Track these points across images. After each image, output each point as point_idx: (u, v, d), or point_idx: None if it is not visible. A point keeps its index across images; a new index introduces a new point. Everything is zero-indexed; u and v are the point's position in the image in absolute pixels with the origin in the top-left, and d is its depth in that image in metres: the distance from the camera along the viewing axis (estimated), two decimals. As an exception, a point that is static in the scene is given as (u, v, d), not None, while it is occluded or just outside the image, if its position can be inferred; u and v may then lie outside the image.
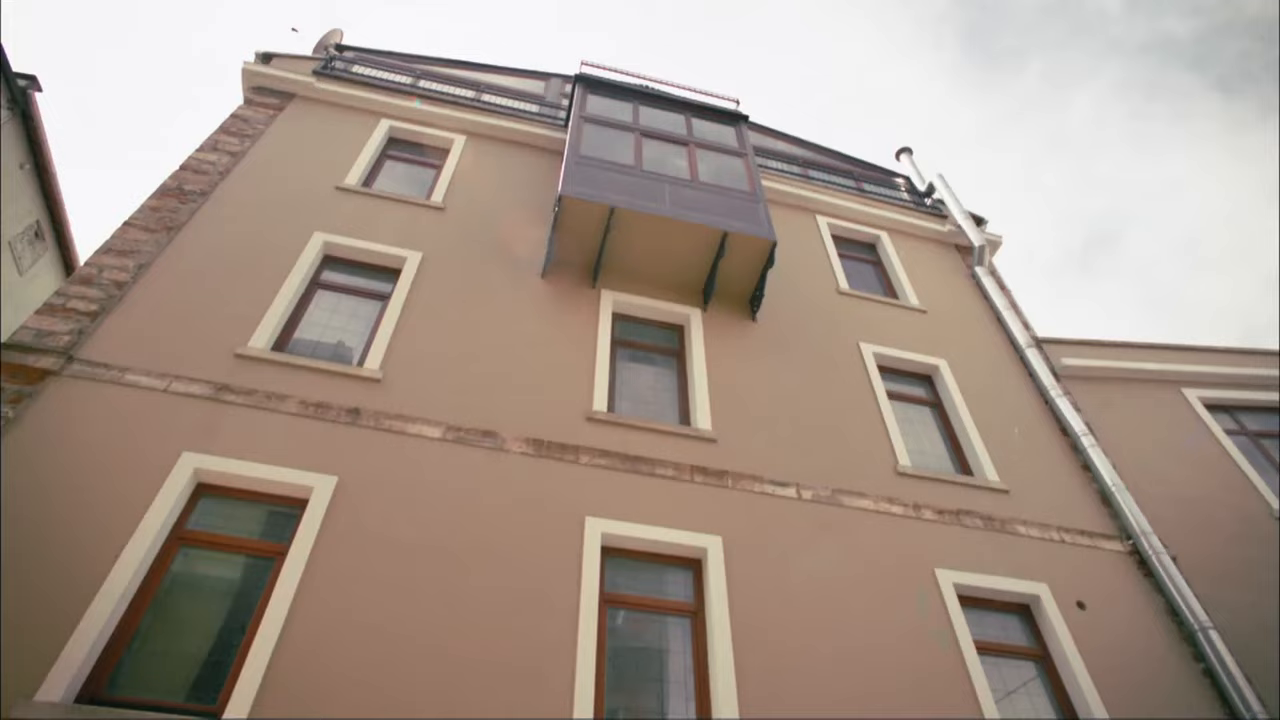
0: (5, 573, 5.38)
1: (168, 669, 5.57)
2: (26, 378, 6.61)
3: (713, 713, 5.97)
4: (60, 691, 4.98)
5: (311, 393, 7.20)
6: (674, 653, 6.44)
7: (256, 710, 5.14)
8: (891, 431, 8.87)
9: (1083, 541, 8.37)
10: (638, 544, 6.88)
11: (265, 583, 5.95)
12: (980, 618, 7.42)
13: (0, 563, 5.42)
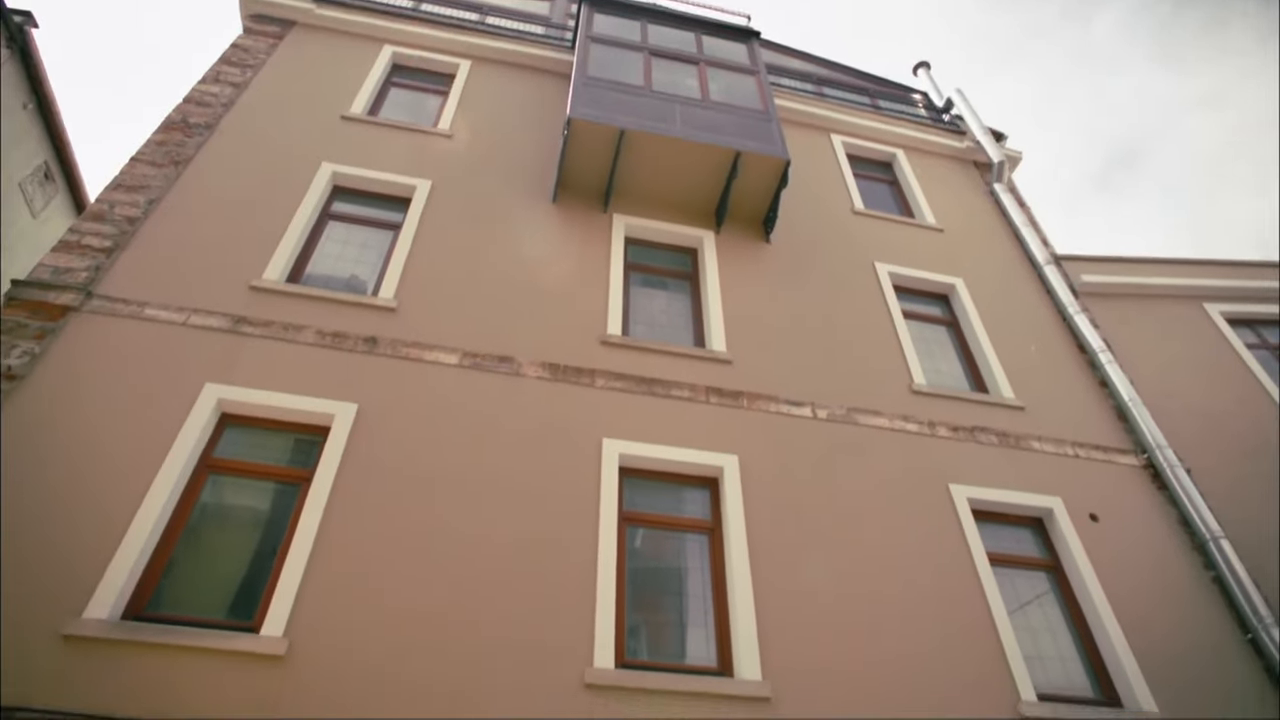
0: (43, 502, 5.56)
1: (205, 590, 5.80)
2: (49, 315, 6.70)
3: (730, 626, 6.15)
4: (106, 610, 5.21)
5: (328, 323, 7.26)
6: (692, 569, 6.62)
7: (291, 626, 5.35)
8: (907, 351, 8.85)
9: (1097, 456, 8.41)
10: (655, 464, 7.00)
11: (293, 507, 6.12)
12: (993, 531, 7.53)
13: (38, 493, 5.60)
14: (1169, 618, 7.10)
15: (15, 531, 5.39)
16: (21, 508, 5.51)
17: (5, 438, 5.82)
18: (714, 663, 6.01)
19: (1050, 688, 6.52)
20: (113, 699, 4.83)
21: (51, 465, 5.77)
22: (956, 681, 6.16)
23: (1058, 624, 7.12)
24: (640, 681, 5.55)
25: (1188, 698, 6.52)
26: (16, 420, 5.94)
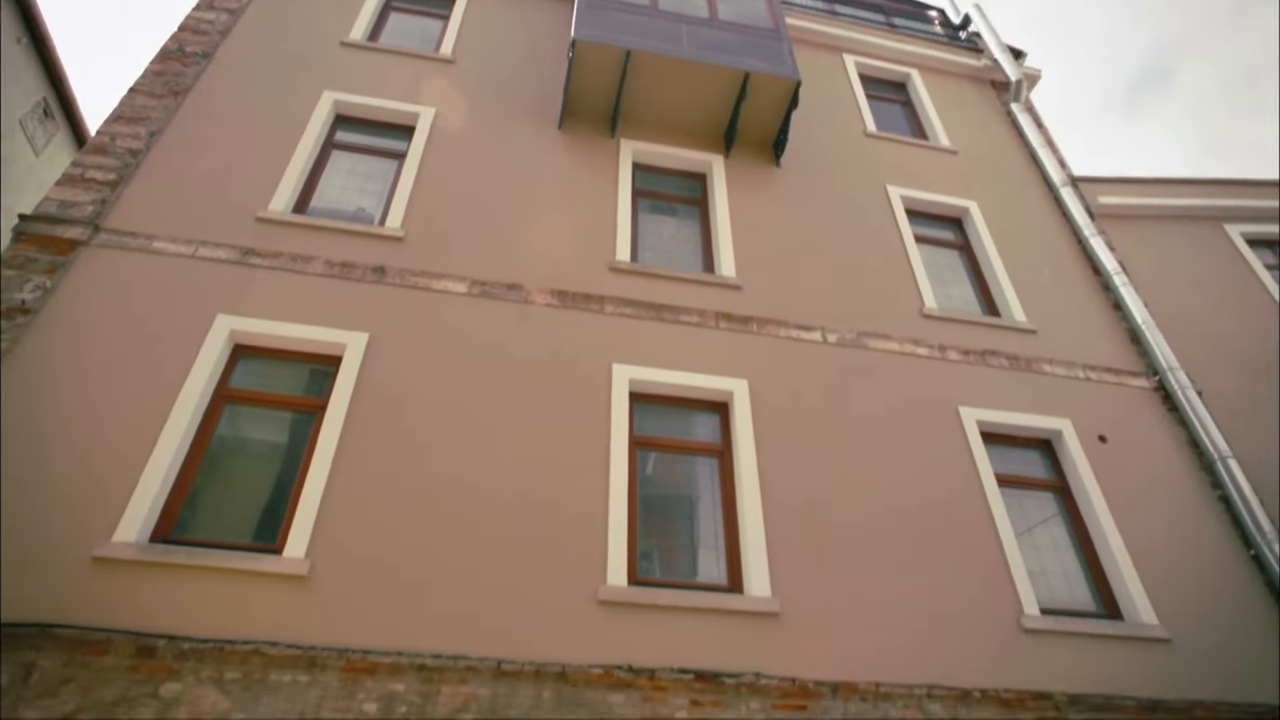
0: (65, 432, 5.68)
1: (227, 515, 5.96)
2: (58, 249, 6.71)
3: (740, 546, 6.29)
4: (134, 534, 5.37)
5: (336, 253, 7.24)
6: (703, 491, 6.73)
7: (312, 548, 5.50)
8: (918, 275, 8.77)
9: (1108, 379, 8.39)
10: (665, 389, 7.05)
11: (308, 435, 6.23)
12: (1002, 453, 7.58)
13: (59, 421, 5.72)
14: (1173, 535, 7.20)
15: (41, 460, 5.52)
16: (44, 438, 5.63)
17: (24, 371, 5.91)
18: (724, 580, 6.16)
19: (1053, 603, 6.67)
20: (143, 617, 5.02)
21: (70, 396, 5.86)
22: (962, 598, 6.31)
23: (1063, 542, 7.24)
24: (652, 598, 5.72)
25: (1188, 611, 6.66)
26: (33, 353, 6.01)
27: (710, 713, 5.33)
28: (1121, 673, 6.18)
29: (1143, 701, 6.05)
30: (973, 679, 5.88)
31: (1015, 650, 6.13)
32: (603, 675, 5.30)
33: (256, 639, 5.05)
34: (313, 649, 5.05)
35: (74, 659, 4.85)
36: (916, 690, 5.72)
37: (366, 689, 5.01)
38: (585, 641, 5.41)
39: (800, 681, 5.55)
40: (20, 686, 4.71)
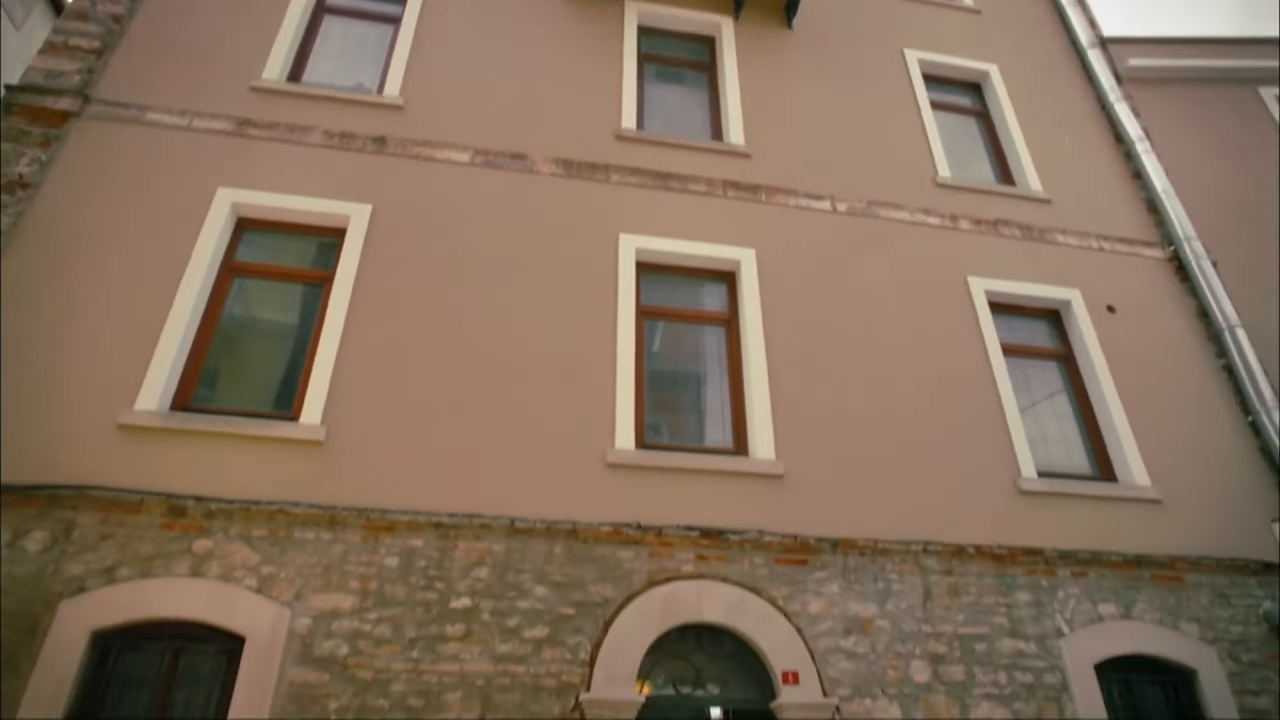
0: (76, 304, 5.73)
1: (243, 385, 6.11)
2: (50, 121, 6.56)
3: (746, 411, 6.42)
4: (154, 403, 5.51)
5: (334, 123, 7.06)
6: (709, 359, 6.81)
7: (327, 415, 5.65)
8: (933, 142, 8.51)
9: (1121, 249, 8.27)
10: (672, 259, 7.01)
11: (317, 306, 6.27)
12: (1009, 322, 7.59)
13: (69, 295, 5.77)
14: (1173, 403, 7.29)
15: (56, 333, 5.61)
16: (56, 311, 5.69)
17: (30, 245, 5.90)
18: (730, 444, 6.33)
19: (1051, 466, 6.85)
20: (171, 480, 5.24)
21: (77, 271, 5.88)
22: (960, 461, 6.47)
23: (1064, 410, 7.36)
24: (659, 461, 5.90)
25: (1181, 474, 6.83)
26: (36, 228, 5.99)
27: (715, 567, 5.61)
28: (1112, 531, 6.42)
29: (1129, 556, 6.32)
30: (967, 536, 6.13)
31: (1010, 510, 6.35)
32: (612, 533, 5.55)
33: (280, 500, 5.28)
34: (333, 508, 5.29)
35: (109, 518, 5.10)
36: (913, 546, 5.97)
37: (387, 545, 5.27)
38: (595, 501, 5.64)
39: (802, 538, 5.80)
40: (63, 542, 4.98)
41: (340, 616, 5.01)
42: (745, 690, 5.40)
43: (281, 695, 4.74)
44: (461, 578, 5.24)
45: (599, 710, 4.91)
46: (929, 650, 5.64)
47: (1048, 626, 5.94)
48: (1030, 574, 6.12)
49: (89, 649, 4.75)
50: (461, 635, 5.06)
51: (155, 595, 4.95)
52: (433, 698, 4.86)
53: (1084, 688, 5.72)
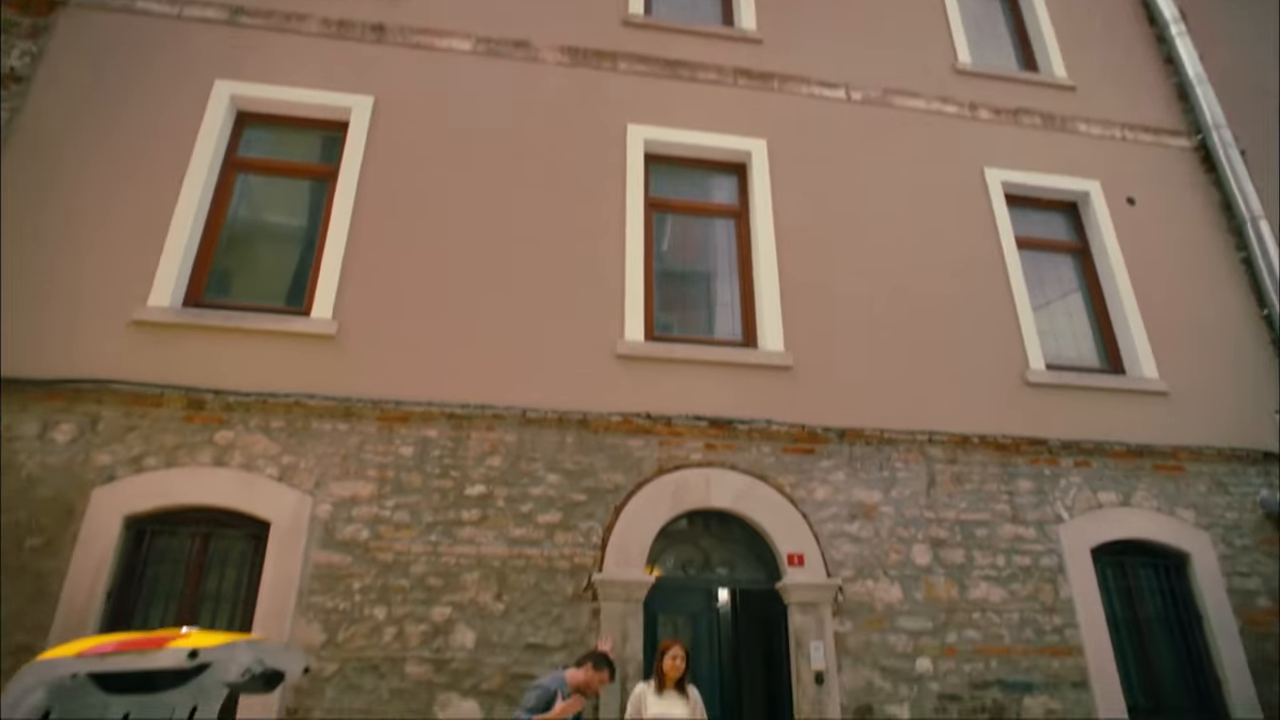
0: (79, 201, 5.70)
1: (253, 281, 6.13)
2: (35, 9, 6.36)
3: (756, 304, 6.41)
4: (166, 300, 5.56)
5: (331, 10, 6.79)
6: (719, 252, 6.76)
7: (338, 310, 5.69)
8: (954, 25, 8.13)
9: (1145, 139, 8.01)
10: (681, 150, 6.85)
11: (323, 202, 6.22)
12: (1024, 215, 7.44)
13: (72, 192, 5.73)
14: (1188, 296, 7.21)
15: (64, 232, 5.60)
16: (60, 209, 5.67)
17: (28, 141, 5.83)
18: (739, 337, 6.36)
19: (1060, 360, 6.85)
20: (189, 374, 5.33)
21: (79, 168, 5.82)
22: (969, 353, 6.48)
23: (1076, 303, 7.31)
24: (668, 352, 5.95)
25: (1190, 366, 6.83)
26: (34, 124, 5.90)
27: (723, 455, 5.74)
28: (1117, 422, 6.48)
29: (1131, 446, 6.40)
30: (973, 426, 6.21)
31: (1017, 402, 6.41)
32: (622, 422, 5.65)
33: (296, 392, 5.39)
34: (348, 400, 5.40)
35: (133, 411, 5.23)
36: (918, 436, 6.07)
37: (402, 435, 5.41)
38: (605, 392, 5.72)
39: (809, 427, 5.90)
40: (90, 434, 5.13)
41: (360, 503, 5.19)
42: (752, 572, 5.62)
43: (308, 575, 4.97)
44: (475, 466, 5.39)
45: (611, 590, 5.13)
46: (931, 535, 5.81)
47: (1048, 513, 6.09)
48: (1033, 463, 6.23)
49: (123, 532, 4.97)
50: (477, 520, 5.25)
51: (182, 483, 5.13)
52: (451, 578, 5.09)
53: (1079, 569, 5.92)
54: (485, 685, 4.88)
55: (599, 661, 4.27)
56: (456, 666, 4.90)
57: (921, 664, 5.43)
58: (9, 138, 5.79)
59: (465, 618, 5.00)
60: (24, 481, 4.95)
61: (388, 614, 4.95)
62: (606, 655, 4.39)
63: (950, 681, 5.43)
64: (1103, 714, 5.50)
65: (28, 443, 5.06)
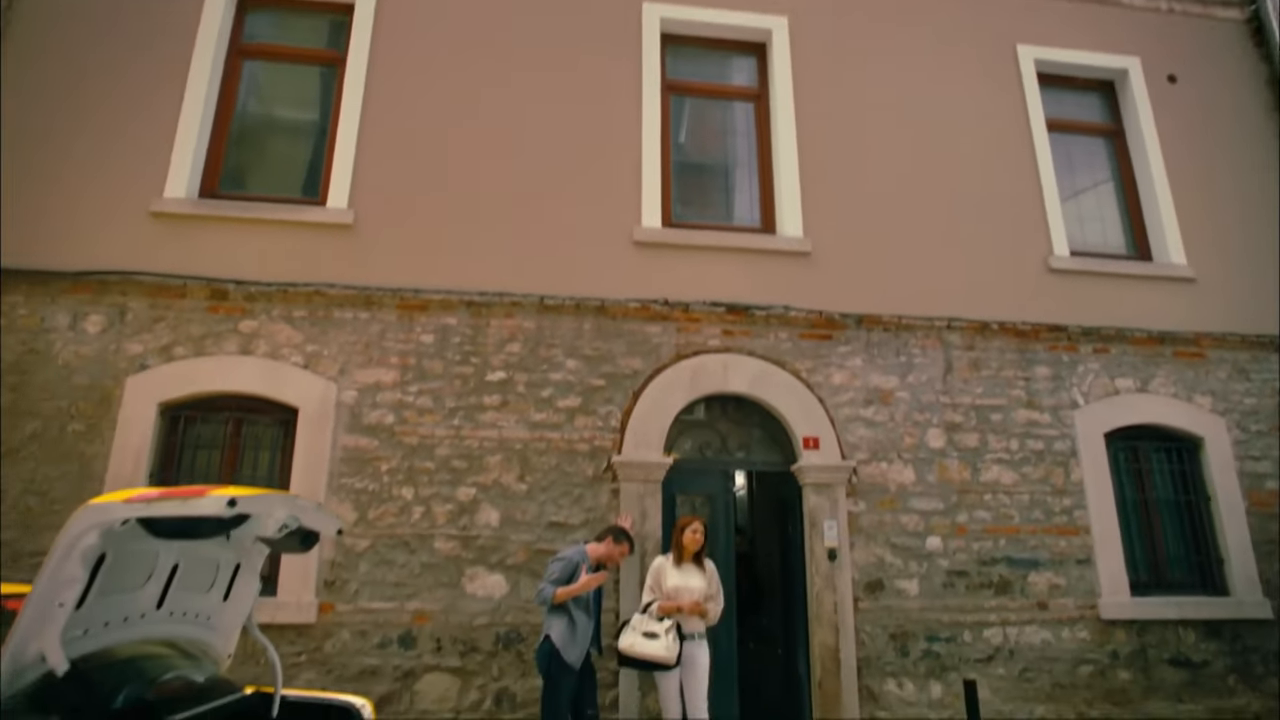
0: (85, 89, 5.63)
1: (266, 171, 6.08)
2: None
3: (775, 189, 6.29)
4: (182, 190, 5.56)
5: (328, -120, 6.45)
6: (738, 136, 6.58)
7: (354, 199, 5.67)
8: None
9: (1194, 9, 7.56)
10: (699, 29, 6.56)
11: (332, 89, 6.09)
12: (1057, 96, 7.13)
13: (76, 80, 5.65)
14: (1224, 180, 6.97)
15: (72, 124, 5.56)
16: (65, 100, 5.60)
17: (29, 30, 5.71)
18: (757, 223, 6.28)
19: (1085, 246, 6.72)
20: (210, 265, 5.39)
21: (83, 57, 5.71)
22: (991, 239, 6.37)
23: (1105, 187, 7.10)
24: (686, 239, 5.90)
25: (1219, 254, 6.68)
26: (32, 15, 5.75)
27: (741, 341, 5.77)
28: (1140, 309, 6.41)
29: (1153, 333, 6.35)
30: (992, 313, 6.17)
31: (1039, 289, 6.33)
32: (640, 309, 5.68)
33: (316, 282, 5.44)
34: (368, 289, 5.45)
35: (158, 302, 5.33)
36: (937, 322, 6.05)
37: (422, 323, 5.48)
38: (622, 279, 5.72)
39: (827, 314, 5.90)
40: (119, 325, 5.25)
41: (383, 389, 5.32)
42: (768, 455, 5.75)
43: (337, 458, 5.16)
44: (495, 352, 5.48)
45: (629, 471, 5.29)
46: (946, 419, 5.88)
47: (1064, 399, 6.12)
48: (1052, 350, 6.22)
49: (159, 418, 5.15)
50: (498, 405, 5.38)
51: (211, 372, 5.27)
52: (475, 460, 5.26)
53: (1091, 453, 6.00)
54: (510, 560, 5.12)
55: (619, 535, 4.46)
56: (482, 543, 5.13)
57: (932, 542, 5.61)
58: (8, 28, 5.66)
59: (489, 498, 5.20)
60: (61, 370, 5.11)
61: (415, 494, 5.16)
62: (625, 529, 4.57)
63: (959, 559, 5.62)
64: (1105, 589, 5.69)
65: (61, 333, 5.19)
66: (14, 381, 5.05)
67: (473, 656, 4.94)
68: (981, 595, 5.57)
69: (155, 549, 2.11)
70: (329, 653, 4.83)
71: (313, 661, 4.79)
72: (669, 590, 4.27)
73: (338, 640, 4.87)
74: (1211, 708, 5.59)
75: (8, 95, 5.56)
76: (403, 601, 4.97)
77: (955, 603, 5.52)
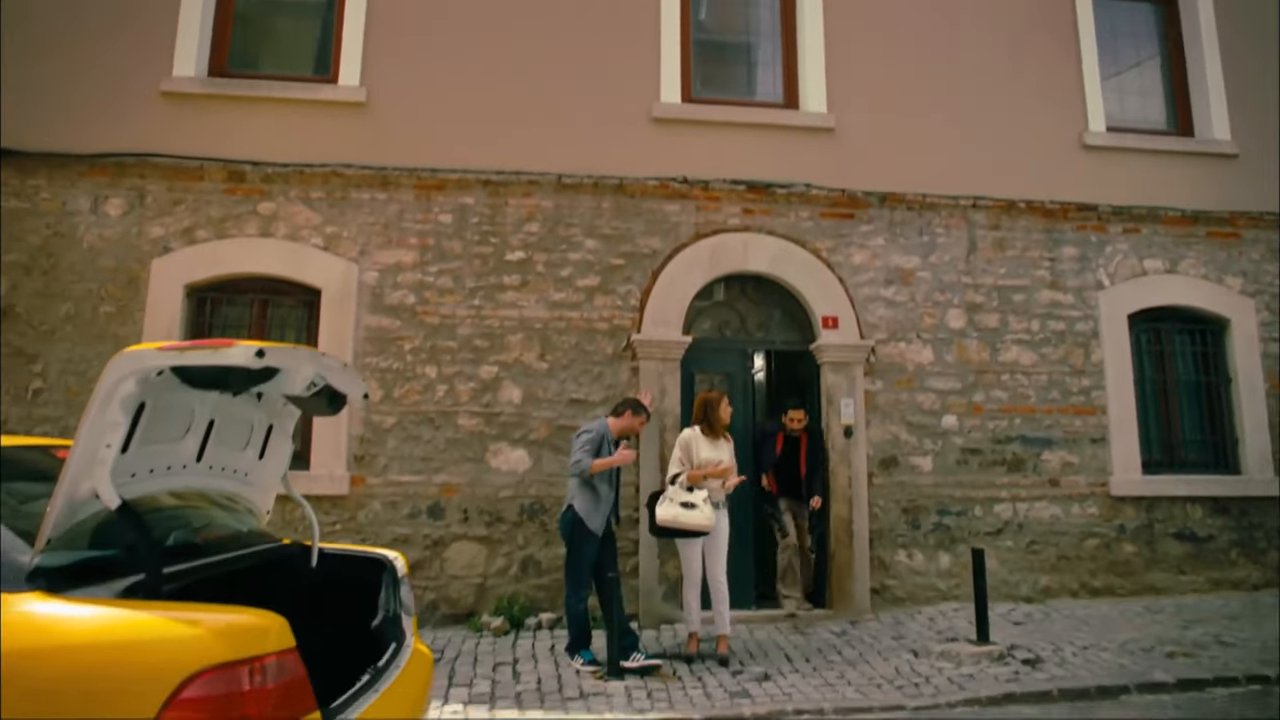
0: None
1: (276, 49, 5.93)
2: None
3: (799, 65, 6.05)
4: (191, 69, 5.44)
5: None
6: (760, 6, 6.27)
7: (366, 77, 5.52)
8: None
9: None
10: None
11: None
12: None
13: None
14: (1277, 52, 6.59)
15: (80, 8, 5.42)
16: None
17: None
18: (780, 98, 6.07)
19: (1123, 121, 6.45)
20: (225, 146, 5.34)
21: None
22: (1024, 115, 6.13)
23: (1151, 61, 6.75)
24: (706, 114, 5.73)
25: (1265, 127, 6.43)
26: None
27: (761, 220, 5.69)
28: (1175, 187, 6.21)
29: (1187, 213, 6.18)
30: (1020, 191, 6.01)
31: (1070, 166, 6.13)
32: (658, 187, 5.59)
33: (331, 162, 5.39)
34: (384, 169, 5.40)
35: (176, 185, 5.32)
36: (962, 201, 5.92)
37: (439, 203, 5.45)
38: (641, 157, 5.60)
39: (849, 192, 5.78)
40: (140, 208, 5.27)
41: (404, 270, 5.35)
42: (786, 334, 5.78)
43: (360, 338, 5.26)
44: (514, 232, 5.46)
45: (649, 349, 5.35)
46: (967, 300, 5.84)
47: (1088, 280, 6.03)
48: (1080, 230, 6.09)
49: (186, 300, 5.25)
50: (518, 285, 5.41)
51: (233, 254, 5.32)
52: (496, 339, 5.33)
53: (1114, 334, 5.96)
54: (532, 436, 5.27)
55: (636, 407, 4.51)
56: (505, 419, 5.27)
57: (947, 420, 5.68)
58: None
59: (511, 375, 5.31)
60: (86, 253, 5.18)
61: (438, 373, 5.27)
62: (641, 401, 4.63)
63: (973, 437, 5.70)
64: (1117, 467, 5.78)
65: (84, 217, 5.23)
66: (45, 265, 5.13)
67: (498, 526, 5.17)
68: (994, 472, 5.68)
69: (191, 403, 2.19)
70: (362, 522, 5.07)
71: (347, 530, 5.04)
72: (702, 462, 4.37)
73: (369, 511, 5.10)
74: (1212, 579, 5.77)
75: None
76: (430, 475, 5.17)
77: (968, 479, 5.64)
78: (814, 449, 5.29)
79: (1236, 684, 3.99)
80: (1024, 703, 3.78)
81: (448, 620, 5.03)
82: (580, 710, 3.64)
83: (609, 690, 3.88)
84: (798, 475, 5.26)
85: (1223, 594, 5.68)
